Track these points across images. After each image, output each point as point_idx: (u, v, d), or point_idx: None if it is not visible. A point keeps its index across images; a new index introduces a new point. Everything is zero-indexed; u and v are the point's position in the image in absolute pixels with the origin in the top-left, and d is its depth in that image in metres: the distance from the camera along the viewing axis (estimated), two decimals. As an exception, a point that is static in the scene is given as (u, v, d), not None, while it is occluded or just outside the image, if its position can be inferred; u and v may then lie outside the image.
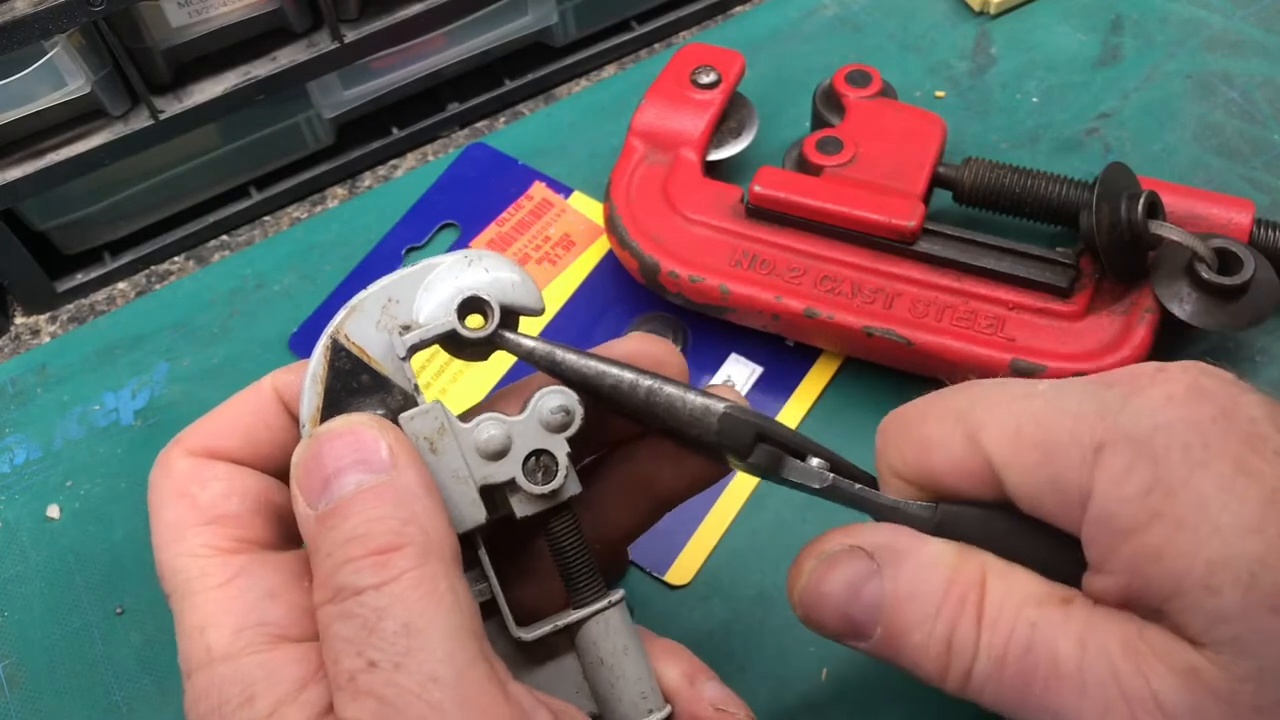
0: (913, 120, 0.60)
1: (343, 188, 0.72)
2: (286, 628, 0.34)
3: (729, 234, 0.58)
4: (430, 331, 0.37)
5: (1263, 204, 0.62)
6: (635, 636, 0.38)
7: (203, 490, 0.36)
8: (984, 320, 0.55)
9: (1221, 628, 0.32)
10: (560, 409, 0.37)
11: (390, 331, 0.37)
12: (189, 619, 0.34)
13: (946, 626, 0.35)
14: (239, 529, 0.36)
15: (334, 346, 0.36)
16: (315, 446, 0.34)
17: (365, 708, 0.31)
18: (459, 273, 0.37)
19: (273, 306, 0.64)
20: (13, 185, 0.61)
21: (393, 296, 0.37)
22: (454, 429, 0.36)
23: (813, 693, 0.51)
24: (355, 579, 0.32)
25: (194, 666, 0.34)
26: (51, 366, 0.63)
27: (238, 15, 0.63)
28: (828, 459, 0.39)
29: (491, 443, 0.36)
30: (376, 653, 0.31)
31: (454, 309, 0.37)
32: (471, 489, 0.36)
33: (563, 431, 0.37)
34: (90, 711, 0.53)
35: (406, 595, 0.32)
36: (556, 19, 0.72)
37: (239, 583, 0.35)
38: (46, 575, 0.57)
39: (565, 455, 0.37)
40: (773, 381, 0.59)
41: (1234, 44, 0.69)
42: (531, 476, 0.37)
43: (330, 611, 0.33)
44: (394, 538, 0.33)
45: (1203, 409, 0.33)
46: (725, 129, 0.64)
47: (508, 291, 0.37)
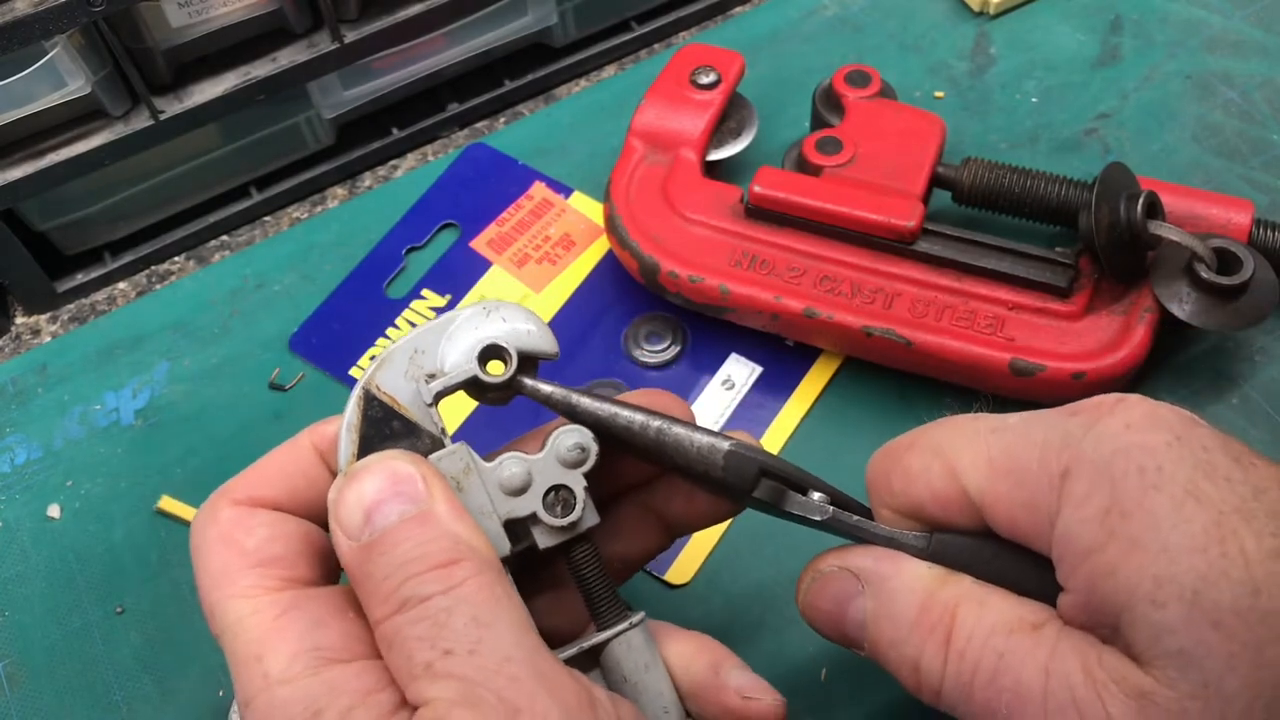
0: (912, 120, 0.60)
1: (343, 188, 0.72)
2: (339, 651, 0.36)
3: (729, 234, 0.58)
4: (454, 379, 0.40)
5: (1262, 204, 0.62)
6: (656, 653, 0.41)
7: (249, 536, 0.38)
8: (983, 320, 0.55)
9: (1167, 640, 0.33)
10: (576, 446, 0.40)
11: (417, 380, 0.39)
12: (244, 652, 0.36)
13: (915, 650, 0.38)
14: (285, 569, 0.37)
15: (366, 397, 0.39)
16: (352, 481, 0.37)
17: (446, 687, 0.33)
18: (479, 323, 0.40)
19: (273, 306, 0.65)
20: (13, 185, 0.61)
21: (419, 348, 0.40)
22: (478, 467, 0.39)
23: (813, 693, 0.51)
24: (420, 589, 0.34)
25: (253, 694, 0.35)
26: (52, 366, 0.63)
27: (238, 15, 0.63)
28: (828, 493, 0.42)
29: (513, 480, 0.39)
30: (450, 643, 0.34)
31: (475, 357, 0.40)
32: (496, 523, 0.39)
33: (579, 467, 0.40)
34: (90, 711, 0.53)
35: (471, 597, 0.34)
36: (556, 19, 0.72)
37: (289, 615, 0.36)
38: (47, 575, 0.57)
39: (582, 489, 0.40)
40: (773, 381, 0.59)
41: (1233, 44, 0.69)
42: (551, 510, 0.39)
43: (398, 620, 0.34)
44: (450, 554, 0.35)
45: (1159, 435, 0.35)
46: (725, 129, 0.64)
47: (524, 339, 0.40)
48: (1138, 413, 0.36)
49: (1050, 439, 0.37)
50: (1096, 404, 0.37)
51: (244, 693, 0.35)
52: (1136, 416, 0.36)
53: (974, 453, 0.38)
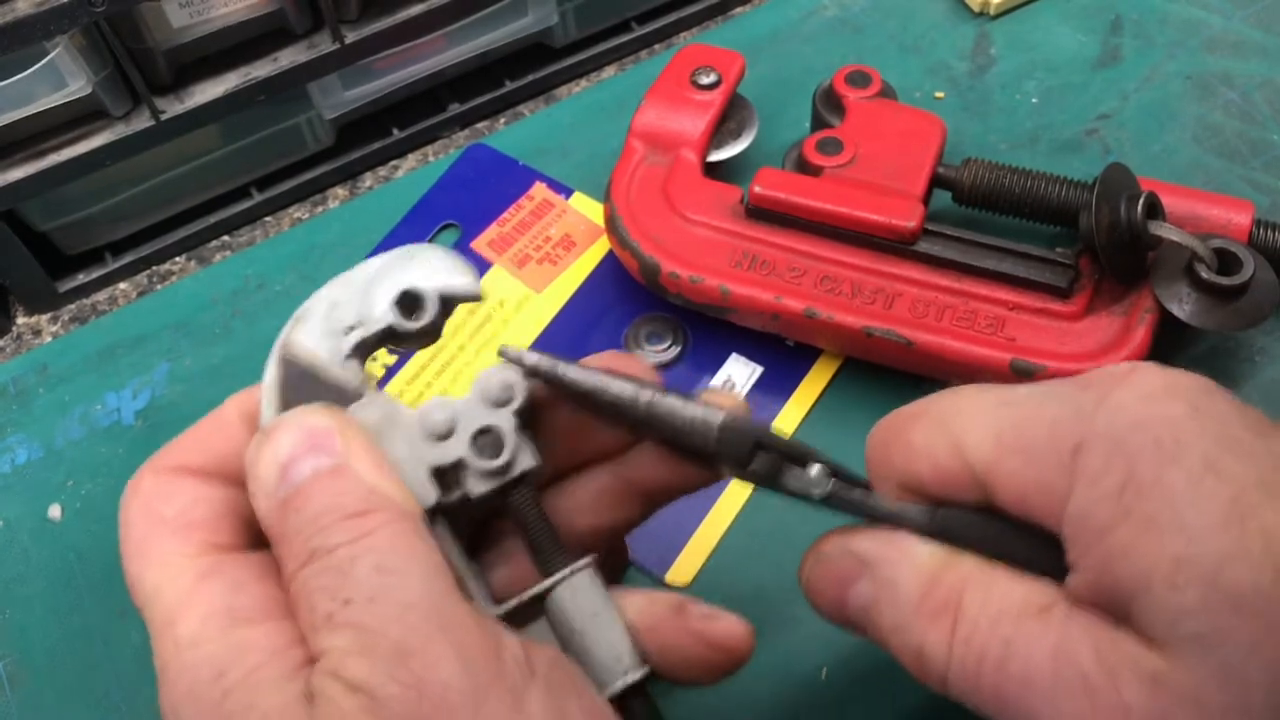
0: (912, 121, 0.60)
1: (343, 188, 0.72)
2: (252, 612, 0.34)
3: (729, 234, 0.58)
4: (371, 329, 0.38)
5: (1262, 205, 0.62)
6: (607, 601, 0.38)
7: (168, 504, 0.36)
8: (984, 320, 0.55)
9: (1185, 624, 0.32)
10: (501, 384, 0.38)
11: (335, 335, 0.38)
12: (158, 619, 0.35)
13: (917, 637, 0.37)
14: (206, 534, 0.36)
15: (284, 357, 0.37)
16: (267, 439, 0.35)
17: (343, 636, 0.32)
18: (395, 270, 0.38)
19: (274, 306, 0.65)
20: (14, 186, 0.61)
21: (335, 300, 0.38)
22: (400, 416, 0.37)
23: (813, 692, 0.51)
24: (329, 539, 0.33)
25: (165, 661, 0.34)
26: (53, 366, 0.63)
27: (239, 16, 0.63)
28: (828, 466, 0.40)
29: (437, 425, 0.37)
30: (351, 591, 0.32)
31: (391, 305, 0.38)
32: (422, 471, 0.37)
33: (506, 406, 0.38)
34: (90, 711, 0.53)
35: (379, 545, 0.33)
36: (556, 20, 0.72)
37: (207, 580, 0.35)
38: (47, 575, 0.57)
39: (512, 429, 0.38)
40: (773, 382, 0.59)
41: (1234, 45, 0.69)
42: (481, 453, 0.37)
43: (304, 574, 0.33)
44: (363, 504, 0.34)
45: (1176, 405, 0.34)
46: (725, 130, 0.64)
47: (441, 279, 0.38)
48: (1153, 383, 0.35)
49: (1061, 413, 0.35)
50: (1109, 374, 0.36)
51: (158, 660, 0.34)
52: (1152, 387, 0.34)
53: (981, 427, 0.37)
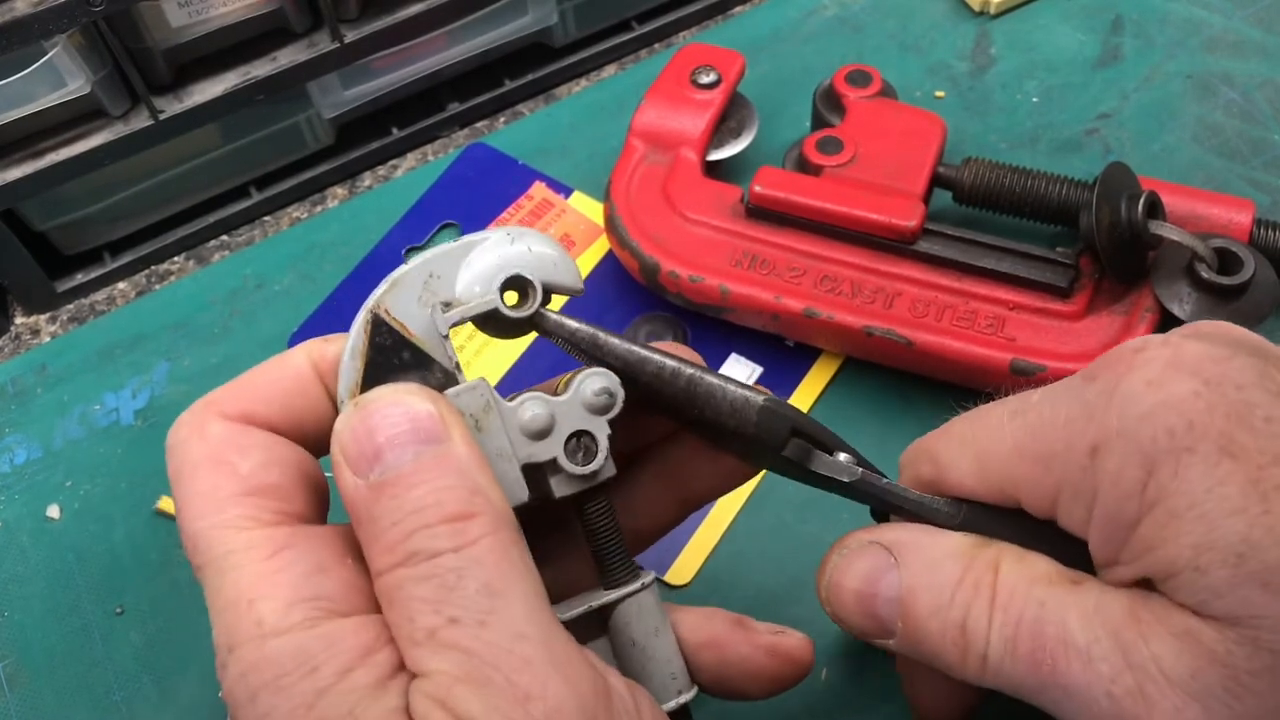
0: (913, 120, 0.60)
1: (343, 188, 0.72)
2: (339, 602, 0.33)
3: (729, 234, 0.58)
4: (473, 309, 0.36)
5: (1263, 204, 0.62)
6: (665, 618, 0.38)
7: (243, 459, 0.34)
8: (984, 320, 0.55)
9: (1214, 604, 0.32)
10: (604, 390, 0.37)
11: (431, 308, 0.36)
12: (232, 592, 0.33)
13: (960, 611, 0.36)
14: (282, 502, 0.34)
15: (375, 321, 0.35)
16: (363, 416, 0.33)
17: (450, 660, 0.30)
18: (502, 250, 0.37)
19: (273, 306, 0.64)
20: (13, 185, 0.61)
21: (434, 272, 0.36)
22: (499, 407, 0.36)
23: (813, 693, 0.51)
24: (430, 543, 0.31)
25: (240, 640, 0.32)
26: (52, 366, 0.63)
27: (238, 15, 0.63)
28: (855, 456, 0.40)
29: (535, 422, 0.36)
30: (458, 610, 0.31)
31: (496, 286, 0.36)
32: (515, 468, 0.36)
33: (605, 414, 0.37)
34: (90, 711, 0.53)
35: (485, 559, 0.31)
36: (556, 19, 0.72)
37: (286, 555, 0.33)
38: (46, 575, 0.57)
39: (606, 437, 0.37)
40: (773, 381, 0.59)
41: (1234, 44, 0.69)
42: (573, 457, 0.36)
43: (402, 574, 0.32)
44: (466, 505, 0.32)
45: (1183, 385, 0.33)
46: (725, 129, 0.64)
47: (549, 271, 0.37)
48: (1158, 364, 0.34)
49: (1073, 415, 0.35)
50: (1114, 362, 0.35)
51: (230, 638, 0.32)
52: (1157, 369, 0.34)
53: (998, 440, 0.36)
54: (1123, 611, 0.34)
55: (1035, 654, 0.34)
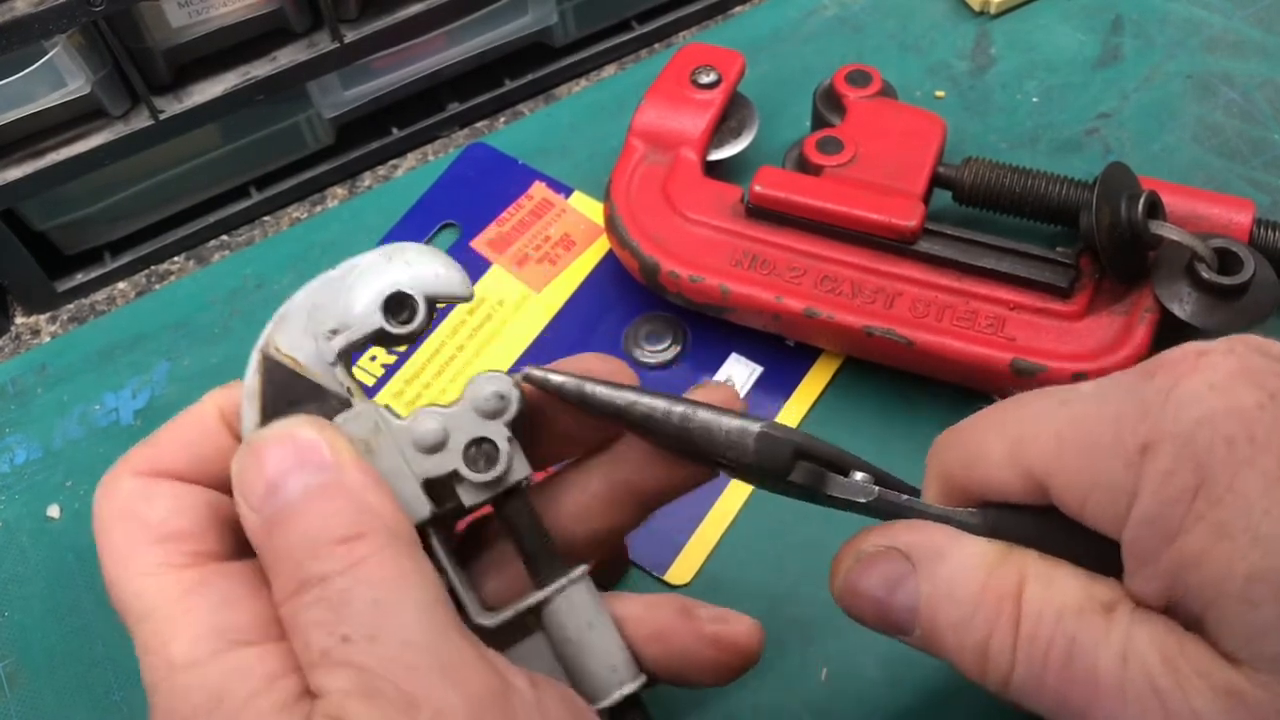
0: (913, 120, 0.60)
1: (343, 188, 0.72)
2: (247, 632, 0.34)
3: (729, 234, 0.58)
4: (357, 333, 0.36)
5: (1263, 204, 0.62)
6: (601, 611, 0.38)
7: (151, 509, 0.35)
8: (984, 320, 0.55)
9: (1262, 643, 0.30)
10: (494, 395, 0.37)
11: (318, 338, 0.36)
12: (148, 636, 0.34)
13: (983, 632, 0.35)
14: (192, 544, 0.35)
15: (265, 360, 0.36)
16: (253, 452, 0.34)
17: (343, 677, 0.31)
18: (381, 270, 0.37)
19: (273, 306, 0.63)
20: (13, 185, 0.61)
21: (317, 302, 0.37)
22: (390, 427, 0.36)
23: (813, 693, 0.51)
24: (319, 567, 0.32)
25: (156, 681, 0.33)
26: (52, 366, 0.63)
27: (238, 15, 0.63)
28: (871, 473, 0.39)
29: (428, 436, 0.36)
30: (348, 628, 0.31)
31: (379, 308, 0.37)
32: (414, 484, 0.36)
33: (499, 417, 0.37)
34: (90, 711, 0.53)
35: (372, 575, 0.32)
36: (556, 19, 0.72)
37: (196, 594, 0.34)
38: (46, 575, 0.57)
39: (505, 440, 0.37)
40: (773, 381, 0.59)
41: (1234, 44, 0.69)
42: (474, 465, 0.37)
43: (295, 603, 0.32)
44: (353, 527, 0.33)
45: (1248, 395, 0.31)
46: (725, 129, 0.64)
47: (430, 283, 0.37)
48: (1224, 369, 0.32)
49: (1125, 409, 0.33)
50: (1177, 360, 0.33)
51: (148, 678, 0.33)
52: (1222, 374, 0.32)
53: (1041, 426, 0.35)
54: (1159, 655, 0.32)
55: (1063, 690, 0.33)
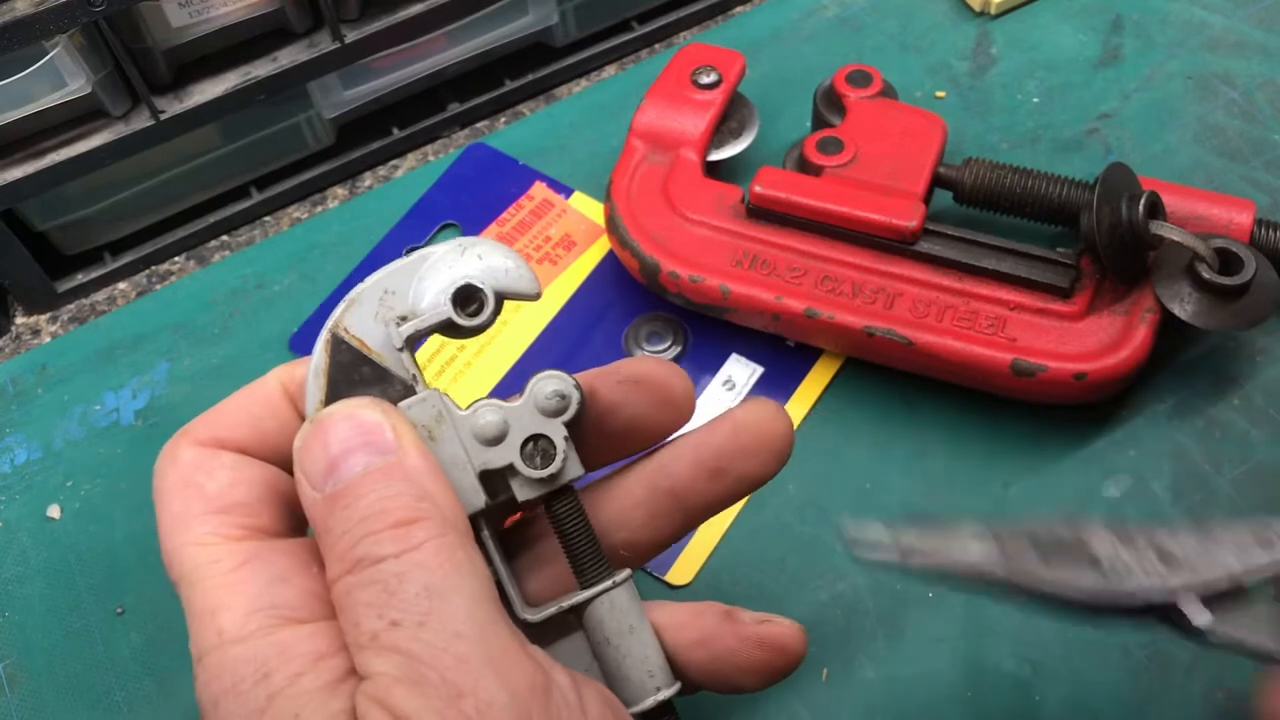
0: (913, 120, 0.60)
1: (343, 188, 0.72)
2: (297, 610, 0.34)
3: (729, 234, 0.58)
4: (426, 322, 0.37)
5: (1263, 204, 0.62)
6: (641, 616, 0.39)
7: (210, 479, 0.36)
8: (985, 320, 0.55)
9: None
10: (556, 394, 0.37)
11: (388, 323, 0.37)
12: (199, 604, 0.34)
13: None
14: (247, 517, 0.36)
15: (334, 340, 0.37)
16: (318, 431, 0.35)
17: (390, 662, 0.31)
18: (453, 262, 0.38)
19: (273, 306, 0.65)
20: (13, 185, 0.61)
21: (389, 289, 0.37)
22: (452, 416, 0.37)
23: (813, 693, 0.51)
24: (375, 549, 0.33)
25: (205, 650, 0.34)
26: (52, 366, 0.63)
27: (238, 15, 0.63)
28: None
29: (489, 429, 0.37)
30: (398, 613, 0.32)
31: (449, 298, 0.37)
32: (471, 475, 0.37)
33: (559, 416, 0.37)
34: (90, 711, 0.53)
35: (427, 562, 0.32)
36: (557, 19, 0.72)
37: (249, 568, 0.35)
38: (47, 575, 0.57)
39: (562, 439, 0.37)
40: (773, 381, 0.59)
41: (1235, 45, 0.69)
42: (530, 461, 0.37)
43: (349, 581, 0.33)
44: (411, 512, 0.33)
45: None
46: (726, 129, 0.64)
47: (501, 278, 0.38)
48: None
49: None
50: None
51: (197, 647, 0.34)
52: None
53: None
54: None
55: None
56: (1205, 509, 0.53)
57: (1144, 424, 0.56)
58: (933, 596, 0.52)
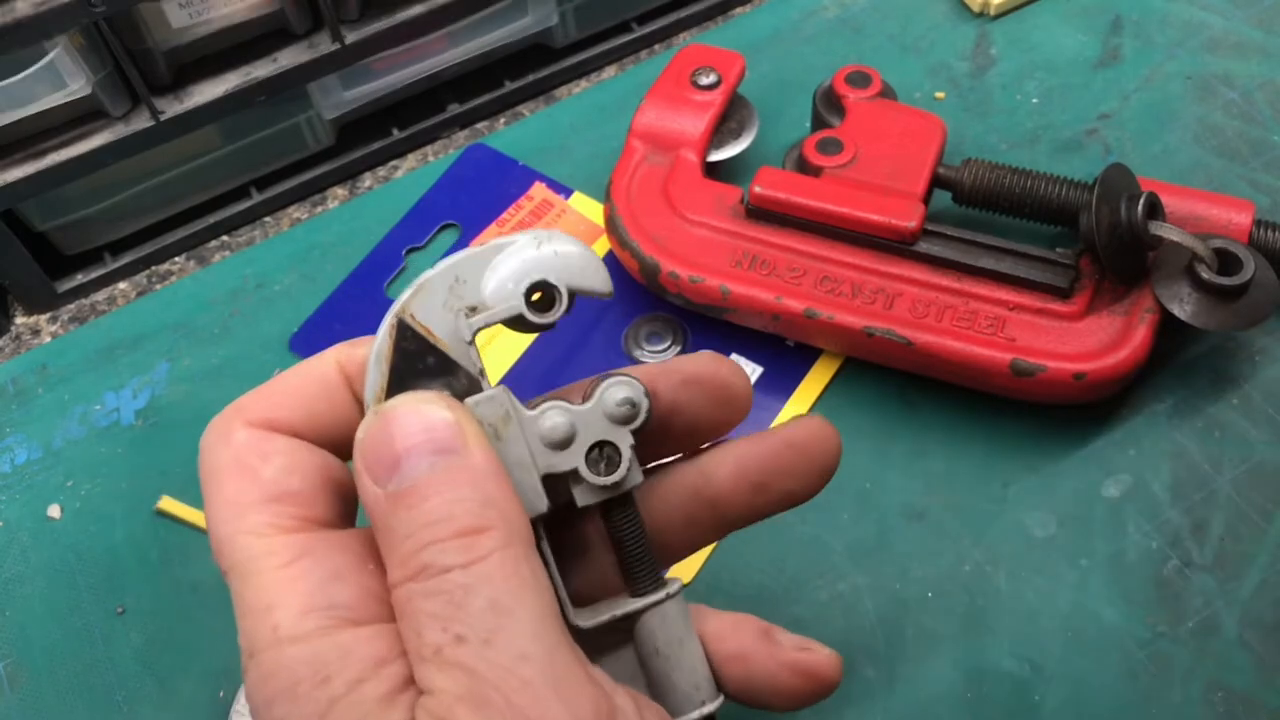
0: (913, 121, 0.60)
1: (343, 188, 0.72)
2: (354, 610, 0.33)
3: (729, 235, 0.58)
4: (497, 314, 0.36)
5: (1263, 205, 0.62)
6: (690, 628, 0.38)
7: (265, 465, 0.34)
8: (984, 320, 0.55)
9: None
10: (626, 401, 0.36)
11: (456, 313, 0.35)
12: (252, 599, 0.33)
13: None
14: (302, 507, 0.34)
15: (400, 326, 0.35)
16: (382, 424, 0.33)
17: (453, 679, 0.30)
18: (528, 253, 0.36)
19: (273, 306, 0.65)
20: (13, 186, 0.61)
21: (460, 276, 0.36)
22: (519, 416, 0.35)
23: (813, 693, 0.51)
24: (441, 558, 0.32)
25: (260, 647, 0.32)
26: (52, 366, 0.63)
27: (238, 16, 0.63)
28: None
29: (556, 432, 0.35)
30: (464, 628, 0.31)
31: (522, 291, 0.36)
32: (534, 477, 0.35)
33: (628, 424, 0.36)
34: (90, 711, 0.53)
35: (493, 575, 0.31)
36: (557, 20, 0.72)
37: (304, 563, 0.33)
38: (47, 575, 0.57)
39: (629, 448, 0.36)
40: (773, 381, 0.59)
41: (1234, 45, 0.69)
42: (594, 467, 0.36)
43: (413, 588, 0.32)
44: (477, 520, 0.32)
45: None
46: (725, 130, 0.64)
47: (575, 275, 0.36)
48: None
49: None
50: None
51: (250, 643, 0.33)
52: None
53: None
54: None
55: None
56: (1205, 509, 0.53)
57: (1144, 424, 0.56)
58: (932, 596, 0.53)
